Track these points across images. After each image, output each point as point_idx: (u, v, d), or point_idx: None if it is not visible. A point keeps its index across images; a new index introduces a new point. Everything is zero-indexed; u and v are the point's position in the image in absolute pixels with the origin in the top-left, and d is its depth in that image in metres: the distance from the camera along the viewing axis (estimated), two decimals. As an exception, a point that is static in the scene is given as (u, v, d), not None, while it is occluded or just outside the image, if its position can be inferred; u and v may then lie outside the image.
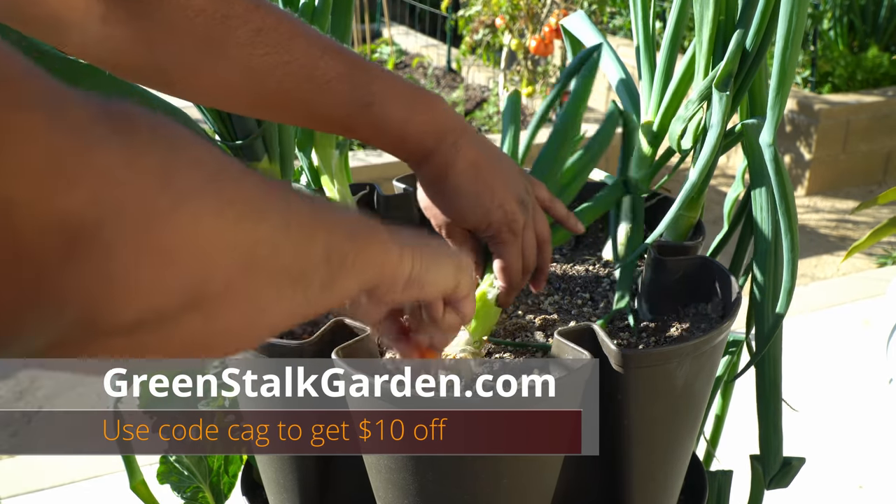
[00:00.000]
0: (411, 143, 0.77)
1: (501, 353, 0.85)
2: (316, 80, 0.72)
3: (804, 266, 3.41)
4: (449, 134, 0.77)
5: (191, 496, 1.17)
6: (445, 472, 0.79)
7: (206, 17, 0.68)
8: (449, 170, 0.77)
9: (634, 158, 1.08)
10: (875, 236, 1.39)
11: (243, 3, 0.70)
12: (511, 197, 0.78)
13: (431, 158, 0.77)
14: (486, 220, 0.78)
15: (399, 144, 0.77)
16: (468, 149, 0.77)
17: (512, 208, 0.78)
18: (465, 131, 0.78)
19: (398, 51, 4.79)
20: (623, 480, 0.87)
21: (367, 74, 0.75)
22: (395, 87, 0.76)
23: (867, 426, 2.29)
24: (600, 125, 1.05)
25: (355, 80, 0.74)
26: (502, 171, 0.79)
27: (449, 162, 0.77)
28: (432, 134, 0.77)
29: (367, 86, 0.75)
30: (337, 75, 0.73)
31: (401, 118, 0.76)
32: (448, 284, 0.63)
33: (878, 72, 4.31)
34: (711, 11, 0.95)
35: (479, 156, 0.78)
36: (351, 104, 0.74)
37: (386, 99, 0.75)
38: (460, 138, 0.77)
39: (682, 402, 0.86)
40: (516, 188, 0.79)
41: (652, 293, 0.93)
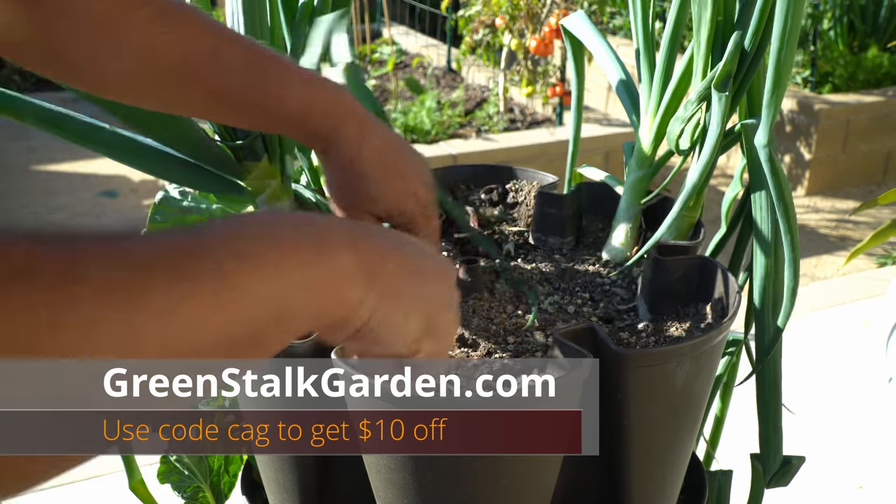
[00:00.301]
0: (314, 122, 0.75)
1: (501, 353, 0.85)
2: (219, 58, 0.72)
3: (804, 266, 3.41)
4: (353, 119, 0.77)
5: (191, 496, 1.18)
6: (444, 472, 0.79)
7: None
8: (356, 156, 0.76)
9: (634, 158, 1.08)
10: (876, 238, 1.39)
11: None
12: (421, 184, 0.79)
13: (337, 144, 0.77)
14: (399, 207, 0.78)
15: (301, 123, 0.76)
16: (374, 136, 0.77)
17: (424, 195, 0.79)
18: (369, 119, 0.78)
19: (398, 51, 4.79)
20: (622, 480, 0.87)
21: (268, 57, 0.75)
22: (296, 69, 0.77)
23: (867, 426, 2.29)
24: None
25: (257, 61, 0.74)
26: (410, 159, 0.79)
27: (355, 148, 0.76)
28: (335, 116, 0.76)
29: (269, 67, 0.75)
30: (239, 54, 0.73)
31: (304, 97, 0.75)
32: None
33: (879, 72, 4.31)
34: (710, 12, 0.95)
35: (386, 143, 0.78)
36: (255, 84, 0.73)
37: (289, 78, 0.75)
38: (364, 125, 0.77)
39: (682, 401, 0.86)
40: (425, 176, 0.80)
41: (652, 293, 0.93)
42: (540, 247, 1.11)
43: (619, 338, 0.88)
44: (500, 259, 0.93)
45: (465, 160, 3.51)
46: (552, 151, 3.67)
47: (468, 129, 3.84)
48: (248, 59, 0.74)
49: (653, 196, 1.07)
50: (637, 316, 0.94)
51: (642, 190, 1.07)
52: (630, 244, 1.07)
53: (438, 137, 3.72)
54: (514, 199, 1.19)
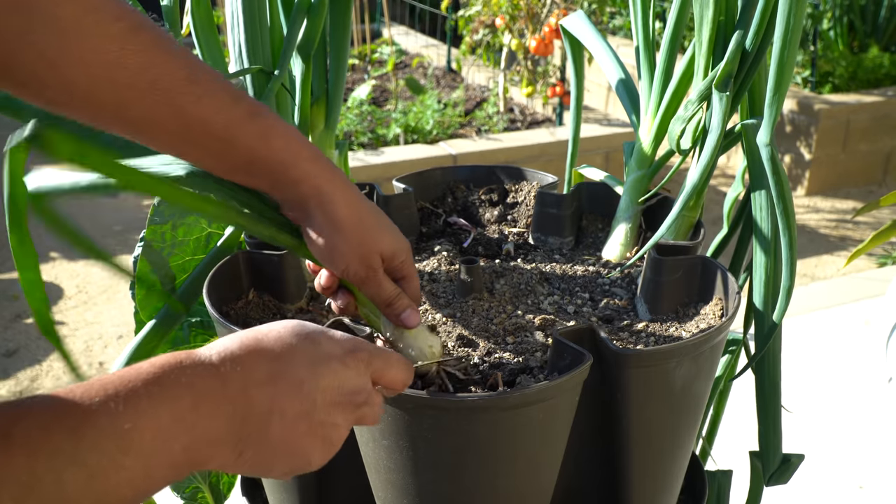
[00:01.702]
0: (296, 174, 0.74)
1: (501, 352, 0.85)
2: (196, 83, 0.69)
3: (804, 266, 3.41)
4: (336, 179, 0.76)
5: (190, 496, 1.17)
6: (444, 473, 0.79)
7: (75, 5, 0.64)
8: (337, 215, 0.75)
9: (634, 158, 1.08)
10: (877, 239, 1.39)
11: (116, 2, 0.66)
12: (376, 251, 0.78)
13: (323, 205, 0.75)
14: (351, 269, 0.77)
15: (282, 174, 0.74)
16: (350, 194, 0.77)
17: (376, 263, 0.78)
18: (343, 177, 0.77)
19: (398, 51, 4.79)
20: (622, 480, 0.87)
21: (251, 100, 0.74)
22: (278, 118, 0.75)
23: (867, 426, 2.29)
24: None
25: (236, 92, 0.72)
26: (377, 220, 0.79)
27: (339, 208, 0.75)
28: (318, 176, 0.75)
29: (255, 107, 0.73)
30: (217, 82, 0.71)
31: (288, 148, 0.74)
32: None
33: (879, 72, 4.31)
34: (711, 12, 0.95)
35: (359, 201, 0.77)
36: (234, 108, 0.71)
37: (276, 126, 0.74)
38: (343, 184, 0.77)
39: (681, 401, 0.86)
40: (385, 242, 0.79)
41: (651, 293, 0.93)
42: (540, 247, 1.11)
43: (619, 338, 0.88)
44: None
45: (465, 160, 3.51)
46: (552, 151, 3.67)
47: (468, 129, 3.84)
48: (229, 90, 0.72)
49: (651, 195, 1.07)
50: (637, 316, 0.94)
51: (642, 190, 1.07)
52: (630, 244, 1.06)
53: (439, 137, 3.71)
54: (514, 199, 1.19)
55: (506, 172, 1.21)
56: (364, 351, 0.68)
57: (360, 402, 0.67)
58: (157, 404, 0.53)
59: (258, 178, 0.74)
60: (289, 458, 0.63)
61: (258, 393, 0.60)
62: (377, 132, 3.69)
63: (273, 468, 0.63)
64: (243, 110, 0.71)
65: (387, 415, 0.77)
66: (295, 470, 0.64)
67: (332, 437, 0.65)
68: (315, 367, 0.64)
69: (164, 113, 0.68)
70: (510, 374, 0.81)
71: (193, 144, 0.71)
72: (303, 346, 0.64)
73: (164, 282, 1.03)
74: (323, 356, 0.65)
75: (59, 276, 3.15)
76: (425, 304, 0.94)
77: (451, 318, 0.91)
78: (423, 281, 1.00)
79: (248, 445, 0.59)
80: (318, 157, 0.75)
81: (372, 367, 0.68)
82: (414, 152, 3.53)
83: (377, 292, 0.78)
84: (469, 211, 1.18)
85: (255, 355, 0.61)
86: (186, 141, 0.71)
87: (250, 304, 0.94)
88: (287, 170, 0.74)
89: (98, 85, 0.66)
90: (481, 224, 1.16)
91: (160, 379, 0.54)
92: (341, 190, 0.76)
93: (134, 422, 0.52)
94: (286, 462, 0.63)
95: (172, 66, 0.68)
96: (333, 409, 0.64)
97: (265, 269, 0.96)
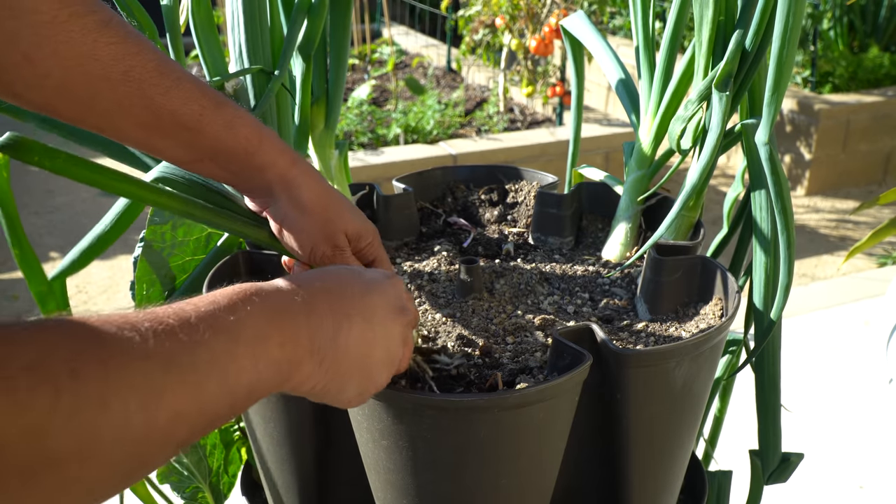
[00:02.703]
0: (263, 159, 0.77)
1: (501, 352, 0.85)
2: (165, 74, 0.71)
3: (804, 266, 3.41)
4: (299, 163, 0.79)
5: (190, 496, 1.17)
6: (444, 473, 0.79)
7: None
8: (303, 198, 0.78)
9: (634, 158, 1.08)
10: (875, 237, 1.39)
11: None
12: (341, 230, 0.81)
13: (289, 189, 0.78)
14: (319, 249, 0.80)
15: (248, 159, 0.76)
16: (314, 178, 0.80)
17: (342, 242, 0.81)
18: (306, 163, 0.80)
19: (398, 51, 4.79)
20: (622, 480, 0.87)
21: (216, 92, 0.75)
22: (241, 108, 0.77)
23: (867, 426, 2.29)
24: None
25: (201, 83, 0.74)
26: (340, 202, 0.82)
27: (304, 191, 0.78)
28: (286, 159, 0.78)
29: (213, 90, 0.75)
30: (184, 74, 0.73)
31: (255, 135, 0.76)
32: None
33: (879, 72, 4.31)
34: (711, 11, 0.95)
35: (321, 185, 0.80)
36: (201, 99, 0.73)
37: (240, 114, 0.76)
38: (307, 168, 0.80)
39: (682, 401, 0.86)
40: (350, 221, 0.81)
41: (651, 293, 0.93)
42: (540, 247, 1.11)
43: (619, 338, 0.88)
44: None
45: (465, 160, 3.51)
46: (552, 151, 3.67)
47: (468, 129, 3.84)
48: (198, 87, 0.73)
49: (651, 194, 1.07)
50: (637, 316, 0.94)
51: (642, 190, 1.07)
52: (630, 244, 1.06)
53: (439, 137, 3.72)
54: (514, 199, 1.19)
55: (506, 172, 1.21)
56: (398, 277, 0.75)
57: (408, 319, 0.72)
58: (250, 307, 0.57)
59: (224, 167, 0.77)
60: (359, 372, 0.66)
61: (323, 302, 0.63)
62: (377, 132, 3.69)
63: (346, 386, 0.66)
64: (210, 101, 0.74)
65: (386, 415, 0.77)
66: (366, 388, 0.68)
67: (392, 348, 0.70)
68: (366, 287, 0.69)
69: (136, 103, 0.70)
70: (510, 374, 0.81)
71: (162, 134, 0.73)
72: (349, 273, 0.70)
73: (164, 282, 1.03)
74: (369, 279, 0.70)
75: (59, 276, 3.15)
76: (425, 304, 0.94)
77: (451, 318, 0.91)
78: (422, 281, 1.00)
79: (325, 353, 0.62)
80: (283, 145, 0.79)
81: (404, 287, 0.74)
82: (414, 152, 3.53)
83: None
84: (469, 211, 1.18)
85: (311, 281, 0.65)
86: (155, 131, 0.73)
87: (250, 304, 0.94)
88: (252, 157, 0.76)
89: (71, 76, 0.67)
90: (481, 224, 1.16)
91: (242, 293, 0.58)
92: (306, 175, 0.79)
93: (236, 317, 0.55)
94: (357, 377, 0.66)
95: (143, 57, 0.70)
96: (389, 320, 0.69)
97: (265, 268, 0.96)
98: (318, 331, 0.62)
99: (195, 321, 0.52)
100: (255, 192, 0.80)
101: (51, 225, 3.42)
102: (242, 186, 0.80)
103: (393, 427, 0.78)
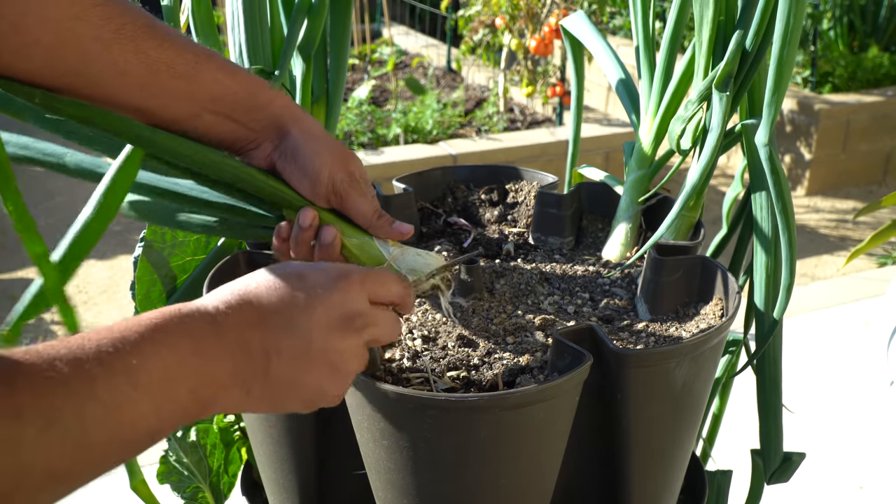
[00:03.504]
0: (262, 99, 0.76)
1: (501, 352, 0.85)
2: (156, 28, 0.71)
3: (804, 266, 3.41)
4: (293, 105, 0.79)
5: (190, 496, 1.17)
6: (444, 473, 0.79)
7: None
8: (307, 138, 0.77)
9: (634, 158, 1.08)
10: (876, 239, 1.39)
11: None
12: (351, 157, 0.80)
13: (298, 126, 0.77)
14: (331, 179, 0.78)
15: (251, 100, 0.75)
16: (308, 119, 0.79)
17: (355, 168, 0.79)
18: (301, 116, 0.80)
19: (398, 51, 4.79)
20: (623, 480, 0.87)
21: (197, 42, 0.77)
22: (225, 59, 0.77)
23: (868, 426, 2.29)
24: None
25: (189, 38, 0.74)
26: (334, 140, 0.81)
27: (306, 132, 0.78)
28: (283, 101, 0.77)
29: (201, 45, 0.75)
30: (172, 29, 0.73)
31: (250, 80, 0.76)
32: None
33: (879, 72, 4.31)
34: (711, 11, 0.95)
35: (316, 125, 0.79)
36: (195, 48, 0.73)
37: (230, 63, 0.76)
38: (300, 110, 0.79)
39: (682, 401, 0.86)
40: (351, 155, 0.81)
41: (651, 293, 0.93)
42: (540, 247, 1.11)
43: (619, 338, 0.88)
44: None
45: (465, 160, 3.51)
46: (552, 151, 3.67)
47: (468, 128, 3.84)
48: (188, 40, 0.73)
49: (651, 194, 1.07)
50: (637, 316, 0.94)
51: (642, 190, 1.07)
52: (630, 244, 1.06)
53: (439, 137, 3.72)
54: (514, 199, 1.19)
55: (506, 172, 1.21)
56: (355, 273, 0.68)
57: (362, 325, 0.67)
58: (160, 348, 0.55)
59: (226, 114, 0.75)
60: (298, 393, 0.64)
61: (253, 335, 0.61)
62: (377, 132, 3.69)
63: (285, 403, 0.64)
64: (202, 50, 0.74)
65: (387, 415, 0.77)
66: (311, 402, 0.66)
67: (339, 364, 0.65)
68: (306, 301, 0.64)
69: (130, 60, 0.69)
70: (510, 374, 0.81)
71: (158, 91, 0.72)
72: (290, 283, 0.65)
73: (164, 282, 1.03)
74: (311, 288, 0.65)
75: (59, 276, 3.14)
76: (426, 304, 0.94)
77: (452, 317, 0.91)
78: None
79: (253, 384, 0.61)
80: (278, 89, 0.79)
81: (366, 287, 0.68)
82: (414, 152, 3.53)
83: (364, 203, 0.78)
84: (469, 211, 1.18)
85: (246, 300, 0.62)
86: (152, 87, 0.71)
87: (250, 304, 0.94)
88: (255, 94, 0.76)
89: (62, 41, 0.66)
90: (481, 224, 1.16)
91: (161, 326, 0.56)
92: (305, 112, 0.79)
93: (140, 360, 0.53)
94: (296, 397, 0.64)
95: (132, 15, 0.70)
96: (332, 337, 0.65)
97: (265, 269, 0.96)
98: (244, 367, 0.60)
99: (90, 363, 0.50)
100: (260, 134, 0.77)
101: (50, 226, 3.42)
102: (244, 134, 0.77)
103: (394, 427, 0.78)
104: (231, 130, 0.77)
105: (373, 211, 0.79)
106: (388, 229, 0.79)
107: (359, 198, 0.78)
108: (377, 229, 0.79)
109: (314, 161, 0.76)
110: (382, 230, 0.79)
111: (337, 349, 0.65)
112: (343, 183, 0.77)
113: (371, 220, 0.79)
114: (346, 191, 0.77)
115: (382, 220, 0.79)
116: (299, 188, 0.78)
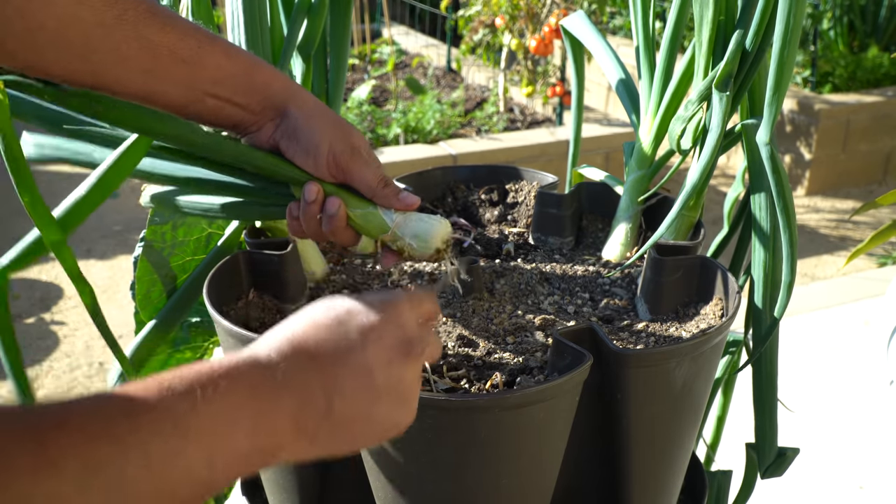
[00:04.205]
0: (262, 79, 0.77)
1: (501, 352, 0.85)
2: (157, 13, 0.71)
3: (804, 266, 3.41)
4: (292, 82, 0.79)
5: (190, 496, 1.17)
6: (445, 473, 0.79)
7: None
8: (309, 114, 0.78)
9: (634, 158, 1.08)
10: (876, 239, 1.39)
11: None
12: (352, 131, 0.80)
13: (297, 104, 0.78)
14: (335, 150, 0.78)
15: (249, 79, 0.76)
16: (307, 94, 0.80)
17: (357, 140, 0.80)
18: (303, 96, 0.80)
19: (398, 51, 4.79)
20: (623, 480, 0.87)
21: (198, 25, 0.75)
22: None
23: (867, 426, 2.29)
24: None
25: (189, 21, 0.74)
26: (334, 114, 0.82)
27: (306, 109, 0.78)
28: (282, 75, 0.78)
29: (202, 27, 0.75)
30: (172, 12, 0.73)
31: (248, 59, 0.77)
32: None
33: (879, 72, 4.31)
34: (711, 11, 0.95)
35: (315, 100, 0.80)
36: (196, 32, 0.73)
37: (229, 45, 0.76)
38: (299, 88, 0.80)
39: (682, 401, 0.86)
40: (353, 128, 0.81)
41: (651, 293, 0.93)
42: (540, 247, 1.11)
43: (619, 338, 0.88)
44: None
45: (465, 160, 3.51)
46: (552, 151, 3.67)
47: (468, 128, 3.84)
48: (190, 24, 0.74)
49: (651, 194, 1.07)
50: (637, 316, 0.94)
51: (642, 190, 1.07)
52: (630, 244, 1.06)
53: (439, 137, 3.72)
54: (514, 199, 1.19)
55: (506, 172, 1.21)
56: (402, 299, 0.66)
57: (421, 351, 0.65)
58: (213, 394, 0.52)
59: (227, 97, 0.76)
60: (368, 429, 0.62)
61: (310, 378, 0.58)
62: (377, 132, 3.69)
63: (356, 442, 0.62)
64: (204, 34, 0.74)
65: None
66: (384, 435, 0.63)
67: (405, 392, 0.64)
68: (359, 337, 0.62)
69: (133, 45, 0.70)
70: (510, 374, 0.81)
71: (161, 76, 0.72)
72: (340, 320, 0.63)
73: (164, 282, 1.03)
74: (361, 323, 0.63)
75: (59, 276, 3.14)
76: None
77: (451, 318, 0.91)
78: (423, 281, 1.00)
79: (318, 431, 0.58)
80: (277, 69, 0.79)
81: (415, 311, 0.67)
82: (414, 152, 3.53)
83: (367, 172, 0.79)
84: (469, 211, 1.18)
85: (297, 344, 0.60)
86: (154, 73, 0.72)
87: (250, 304, 0.94)
88: (255, 75, 0.76)
89: (65, 26, 0.67)
90: (481, 224, 1.16)
91: (214, 373, 0.53)
92: (304, 89, 0.80)
93: (192, 405, 0.50)
94: (367, 433, 0.62)
95: (134, 0, 0.70)
96: (394, 368, 0.63)
97: (265, 269, 0.96)
98: (305, 411, 0.57)
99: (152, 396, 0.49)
100: (261, 115, 0.78)
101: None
102: (245, 117, 0.78)
103: (393, 427, 0.78)
104: (232, 114, 0.77)
105: (377, 180, 0.79)
106: (394, 199, 0.79)
107: (362, 168, 0.78)
108: (382, 198, 0.79)
109: (314, 136, 0.77)
110: (387, 199, 0.79)
111: (401, 379, 0.63)
112: (344, 155, 0.78)
113: (376, 189, 0.79)
114: (347, 163, 0.78)
115: (388, 188, 0.79)
116: (303, 165, 0.79)
